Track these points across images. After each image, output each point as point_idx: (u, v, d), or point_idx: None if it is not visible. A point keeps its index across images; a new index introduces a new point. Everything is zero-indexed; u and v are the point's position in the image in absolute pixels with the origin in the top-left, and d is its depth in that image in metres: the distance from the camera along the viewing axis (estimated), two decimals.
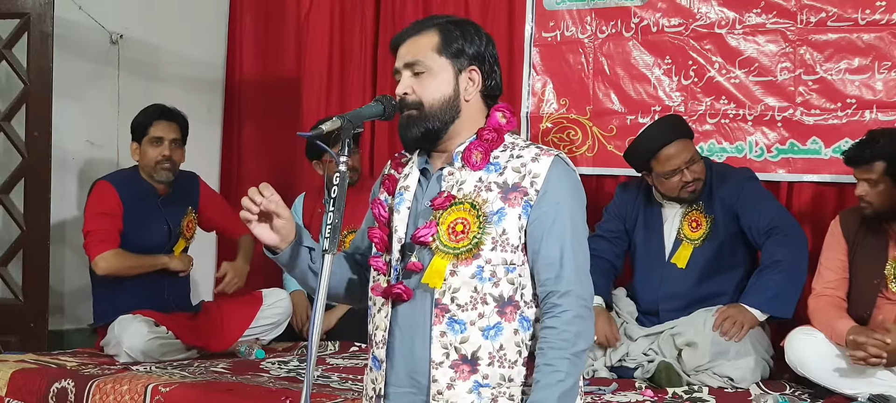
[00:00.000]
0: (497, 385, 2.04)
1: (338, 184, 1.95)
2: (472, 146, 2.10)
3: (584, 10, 4.42)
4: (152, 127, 4.03)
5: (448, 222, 2.05)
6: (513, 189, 2.06)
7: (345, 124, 1.99)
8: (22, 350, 3.96)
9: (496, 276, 2.04)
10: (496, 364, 2.03)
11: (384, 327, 2.09)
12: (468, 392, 2.02)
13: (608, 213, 3.96)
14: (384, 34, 4.95)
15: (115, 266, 3.86)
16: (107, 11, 4.81)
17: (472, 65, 2.13)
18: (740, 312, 3.53)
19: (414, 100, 2.08)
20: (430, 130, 2.09)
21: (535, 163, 2.07)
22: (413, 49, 2.11)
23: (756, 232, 3.64)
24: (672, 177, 3.65)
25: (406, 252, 2.10)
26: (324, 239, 1.93)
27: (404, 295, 2.06)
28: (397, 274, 2.09)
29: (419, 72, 2.09)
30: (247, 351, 4.02)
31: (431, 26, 2.13)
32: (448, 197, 2.06)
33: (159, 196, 4.06)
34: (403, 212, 2.12)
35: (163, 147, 4.01)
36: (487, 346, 2.03)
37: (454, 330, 2.03)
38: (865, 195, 3.33)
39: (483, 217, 2.03)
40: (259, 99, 5.34)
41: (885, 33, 3.84)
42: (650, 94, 4.29)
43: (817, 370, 3.31)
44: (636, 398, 3.31)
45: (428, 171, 2.15)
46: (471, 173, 2.08)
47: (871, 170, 3.30)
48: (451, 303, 2.03)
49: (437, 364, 2.03)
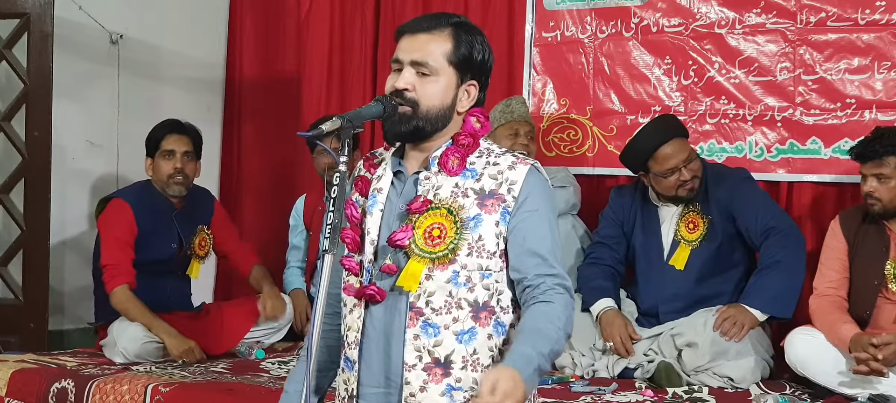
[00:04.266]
0: (469, 388, 2.05)
1: (338, 184, 1.95)
2: (448, 151, 2.10)
3: (584, 10, 4.42)
4: (164, 140, 4.02)
5: (425, 226, 2.05)
6: (490, 195, 2.06)
7: (345, 124, 1.99)
8: (22, 350, 3.97)
9: (472, 282, 2.05)
10: (469, 368, 2.04)
11: (357, 328, 2.09)
12: (440, 395, 2.04)
13: (606, 219, 3.95)
14: (384, 34, 4.95)
15: (125, 308, 3.84)
16: (107, 11, 4.80)
17: (473, 79, 2.13)
18: (741, 312, 3.53)
19: (412, 97, 2.07)
20: (420, 130, 2.09)
21: (512, 171, 2.08)
22: (424, 48, 2.09)
23: (753, 234, 3.64)
24: (670, 176, 3.65)
25: (379, 254, 2.10)
26: (324, 238, 1.93)
27: (378, 296, 2.07)
28: (370, 275, 2.09)
29: (424, 73, 2.08)
30: (247, 352, 4.03)
31: (446, 27, 2.11)
32: (425, 201, 2.06)
33: (174, 209, 4.06)
34: (376, 214, 2.12)
35: (175, 160, 4.00)
36: (461, 350, 2.04)
37: (428, 333, 2.04)
38: (874, 191, 3.32)
39: (460, 222, 2.04)
40: (259, 99, 5.34)
41: (885, 33, 3.84)
42: (650, 94, 4.29)
43: (817, 370, 3.31)
44: (636, 398, 3.31)
45: (402, 174, 2.14)
46: (447, 178, 2.08)
47: (882, 165, 3.29)
48: (425, 307, 2.04)
49: (411, 366, 2.04)
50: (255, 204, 5.27)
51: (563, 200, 4.03)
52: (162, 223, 4.02)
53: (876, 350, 3.11)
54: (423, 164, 2.12)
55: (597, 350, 3.68)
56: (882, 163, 3.28)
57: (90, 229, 4.72)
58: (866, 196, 3.34)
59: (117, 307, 3.86)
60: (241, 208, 5.28)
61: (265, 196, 5.19)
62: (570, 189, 4.12)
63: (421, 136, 2.10)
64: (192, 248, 4.13)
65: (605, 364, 3.63)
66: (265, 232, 5.03)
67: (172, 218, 4.05)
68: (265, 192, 5.21)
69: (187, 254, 4.13)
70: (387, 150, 2.22)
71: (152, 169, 4.04)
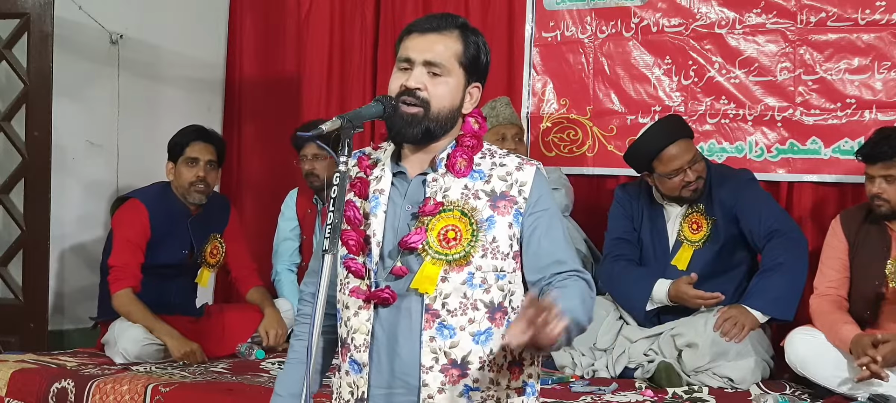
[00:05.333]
0: (486, 388, 2.05)
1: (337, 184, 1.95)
2: (455, 153, 2.10)
3: (584, 10, 4.42)
4: (189, 147, 3.98)
5: (438, 228, 2.05)
6: (501, 197, 2.07)
7: (345, 124, 1.98)
8: (22, 350, 3.96)
9: (487, 283, 2.05)
10: (486, 368, 2.05)
11: (366, 331, 2.08)
12: (459, 396, 2.04)
13: (616, 216, 3.91)
14: (384, 34, 4.95)
15: (127, 311, 3.84)
16: (107, 11, 4.80)
17: (478, 81, 2.14)
18: (742, 313, 3.53)
19: (424, 97, 2.07)
20: (430, 132, 2.09)
21: (520, 173, 2.10)
22: (436, 49, 2.09)
23: (756, 236, 3.64)
24: (675, 177, 3.65)
25: (385, 256, 2.09)
26: (324, 238, 1.92)
27: (390, 299, 2.06)
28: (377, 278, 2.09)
29: (436, 73, 2.08)
30: (247, 352, 4.02)
31: (455, 28, 2.11)
32: (437, 203, 2.06)
33: (190, 215, 4.04)
34: (380, 216, 2.11)
35: (198, 168, 3.97)
36: (478, 351, 2.05)
37: (443, 334, 2.04)
38: (882, 193, 3.31)
39: (475, 224, 2.04)
40: (259, 99, 5.34)
41: (885, 33, 3.84)
42: (650, 94, 4.29)
43: (817, 370, 3.31)
44: (636, 398, 3.31)
45: (403, 174, 2.14)
46: (455, 180, 2.08)
47: (891, 166, 3.28)
48: (441, 309, 2.04)
49: (428, 368, 2.04)
50: (255, 205, 5.27)
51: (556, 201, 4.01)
52: (176, 227, 3.99)
53: (875, 351, 3.11)
54: (428, 166, 2.12)
55: (597, 349, 3.68)
56: (891, 165, 3.27)
57: (90, 229, 4.73)
58: (873, 197, 3.33)
59: (119, 310, 3.85)
60: (242, 208, 5.28)
61: (265, 196, 5.19)
62: (563, 190, 4.10)
63: (430, 138, 2.10)
64: (203, 256, 4.11)
65: (605, 364, 3.63)
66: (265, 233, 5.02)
67: (187, 225, 4.03)
68: (265, 192, 5.21)
69: (197, 261, 4.12)
70: (376, 149, 2.21)
71: (174, 174, 4.00)
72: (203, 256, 4.11)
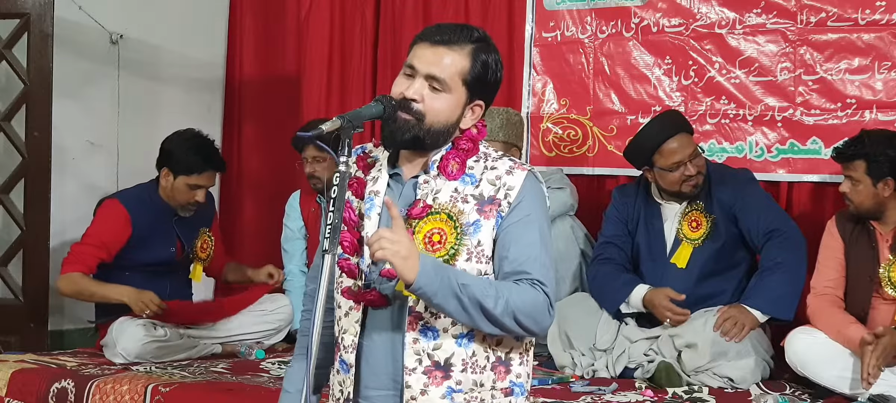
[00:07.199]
0: (469, 390, 2.05)
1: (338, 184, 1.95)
2: (448, 155, 2.09)
3: (584, 10, 4.42)
4: (198, 175, 3.94)
5: (425, 232, 2.04)
6: (488, 201, 2.06)
7: (344, 124, 1.98)
8: (22, 350, 3.97)
9: None
10: (469, 370, 2.05)
11: (354, 332, 2.09)
12: (441, 398, 2.04)
13: (610, 218, 3.92)
14: (384, 34, 4.95)
15: (76, 290, 3.85)
16: (107, 11, 4.81)
17: (481, 99, 2.12)
18: (741, 313, 3.53)
19: (419, 109, 2.05)
20: (419, 141, 2.07)
21: (509, 177, 2.07)
22: (441, 64, 2.06)
23: (755, 236, 3.64)
24: (675, 171, 3.65)
25: None
26: (324, 238, 1.93)
27: (377, 301, 2.06)
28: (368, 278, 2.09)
29: (436, 88, 2.06)
30: (247, 352, 4.03)
31: (467, 44, 2.08)
32: (425, 206, 2.06)
33: (174, 215, 4.04)
34: (374, 218, 2.10)
35: (199, 193, 3.98)
36: (461, 353, 2.04)
37: (427, 337, 2.04)
38: (848, 193, 3.38)
39: (460, 228, 2.04)
40: (259, 98, 5.34)
41: (885, 33, 3.84)
42: (650, 94, 4.29)
43: (817, 370, 3.31)
44: (636, 398, 3.31)
45: (399, 176, 2.14)
46: (446, 182, 2.07)
47: (852, 168, 3.35)
48: (424, 311, 2.04)
49: (411, 370, 2.04)
50: (255, 204, 5.27)
51: (561, 202, 4.02)
52: (160, 226, 4.00)
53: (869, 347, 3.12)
54: (421, 168, 2.11)
55: (597, 349, 3.68)
56: (852, 167, 3.34)
57: None
58: (843, 196, 3.40)
59: (66, 291, 3.87)
60: (242, 208, 5.28)
61: (265, 196, 5.19)
62: (567, 190, 4.10)
63: (419, 147, 2.09)
64: (194, 251, 4.12)
65: (605, 364, 3.63)
66: (265, 233, 5.03)
67: (172, 224, 4.04)
68: (265, 192, 5.21)
69: (189, 257, 4.12)
70: (376, 147, 2.21)
71: (170, 185, 3.96)
72: (194, 251, 4.12)
